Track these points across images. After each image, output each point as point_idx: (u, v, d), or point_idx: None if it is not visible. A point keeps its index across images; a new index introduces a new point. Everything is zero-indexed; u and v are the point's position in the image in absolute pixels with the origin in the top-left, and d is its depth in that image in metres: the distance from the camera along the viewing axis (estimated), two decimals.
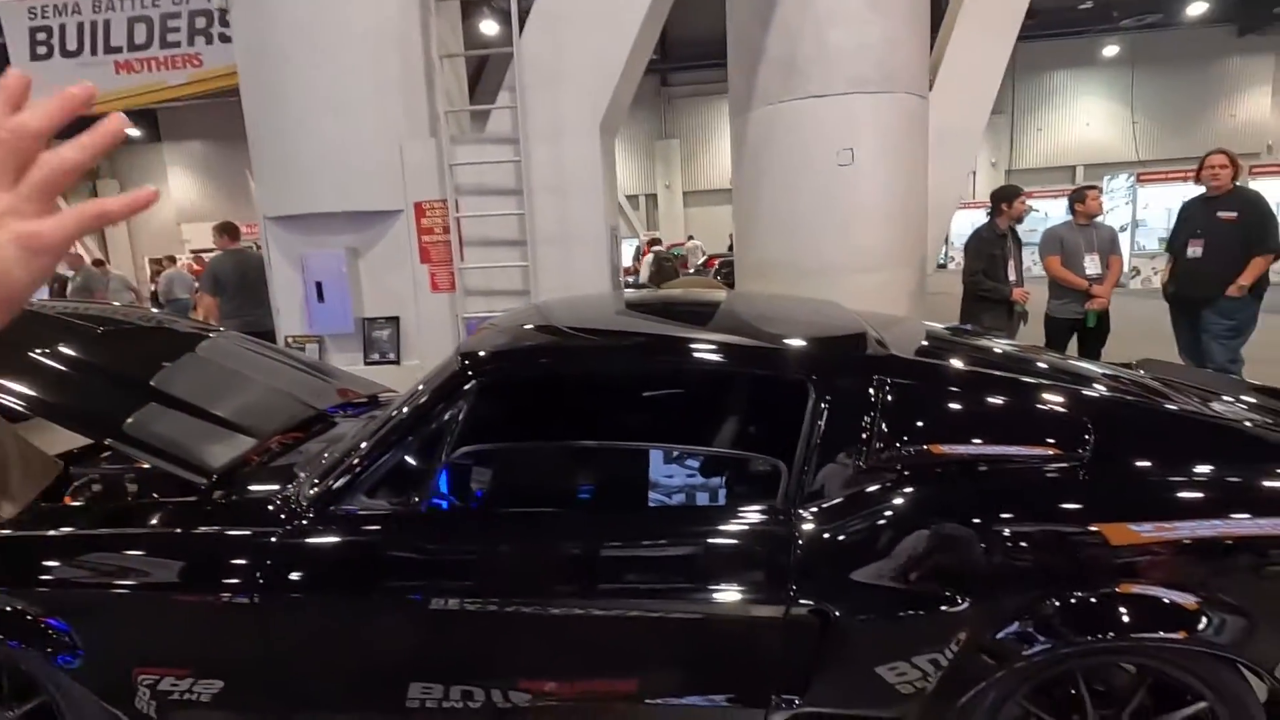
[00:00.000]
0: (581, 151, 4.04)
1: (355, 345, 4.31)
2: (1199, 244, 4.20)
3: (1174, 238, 4.47)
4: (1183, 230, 4.35)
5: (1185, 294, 4.31)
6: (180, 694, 1.70)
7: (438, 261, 4.20)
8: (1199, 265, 4.19)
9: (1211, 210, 4.19)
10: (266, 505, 1.74)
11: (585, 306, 2.37)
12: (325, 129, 3.98)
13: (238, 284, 5.30)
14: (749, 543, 1.52)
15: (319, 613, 1.63)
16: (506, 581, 1.58)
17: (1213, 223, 4.15)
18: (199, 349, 2.61)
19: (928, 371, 1.70)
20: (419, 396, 1.74)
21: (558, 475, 1.74)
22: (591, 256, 4.17)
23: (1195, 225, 4.25)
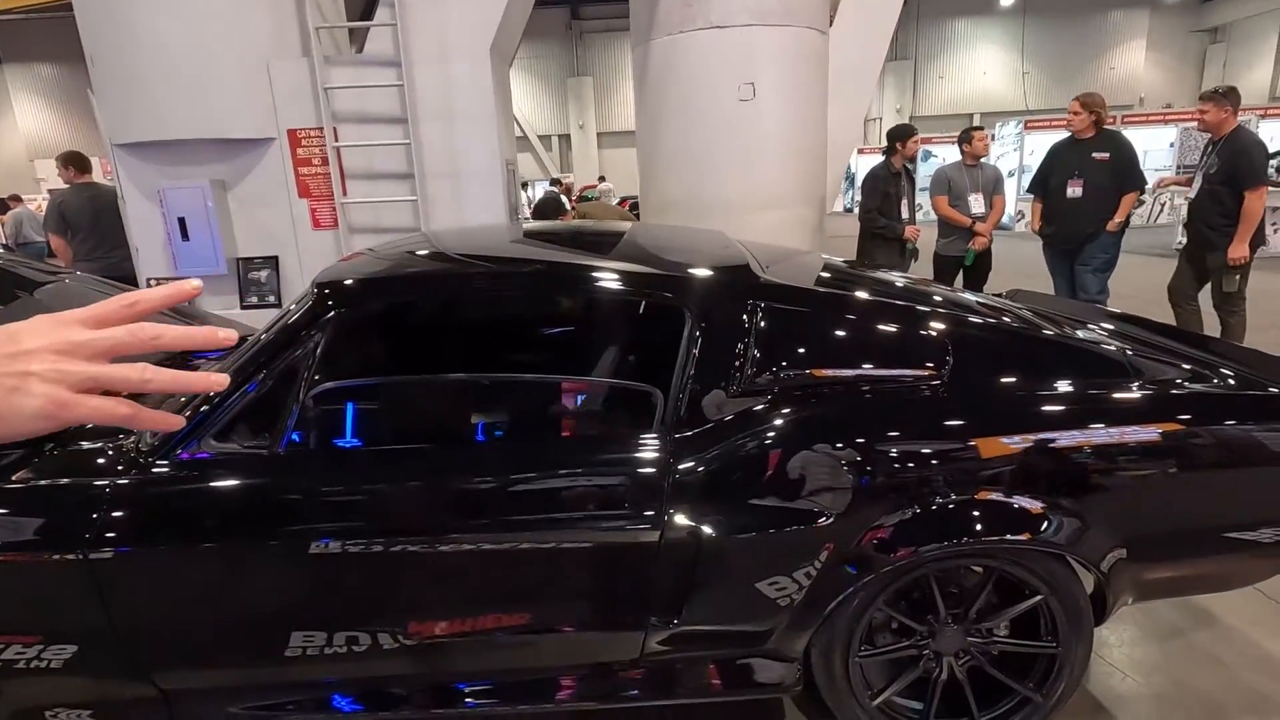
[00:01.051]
0: (472, 77, 3.80)
1: (230, 287, 3.98)
2: (1078, 184, 4.40)
3: (1044, 179, 4.63)
4: (1057, 171, 4.55)
5: (1068, 232, 4.49)
6: (28, 662, 1.55)
7: (318, 196, 3.91)
8: (1079, 204, 4.39)
9: (1085, 152, 4.41)
10: (99, 458, 1.58)
11: (476, 235, 2.25)
12: (175, 41, 3.55)
13: (90, 223, 4.75)
14: (625, 470, 1.50)
15: (166, 566, 1.51)
16: (374, 521, 1.51)
17: (1088, 163, 4.38)
18: (39, 294, 2.34)
19: (800, 297, 1.71)
20: (272, 331, 1.61)
21: (426, 409, 1.66)
22: (486, 191, 3.98)
23: (1072, 167, 4.45)
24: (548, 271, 1.72)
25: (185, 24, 3.54)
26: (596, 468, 1.52)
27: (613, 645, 1.62)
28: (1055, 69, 22.56)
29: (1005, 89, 22.89)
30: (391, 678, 1.65)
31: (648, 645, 1.59)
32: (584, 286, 1.64)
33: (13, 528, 1.51)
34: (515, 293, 1.69)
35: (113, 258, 4.82)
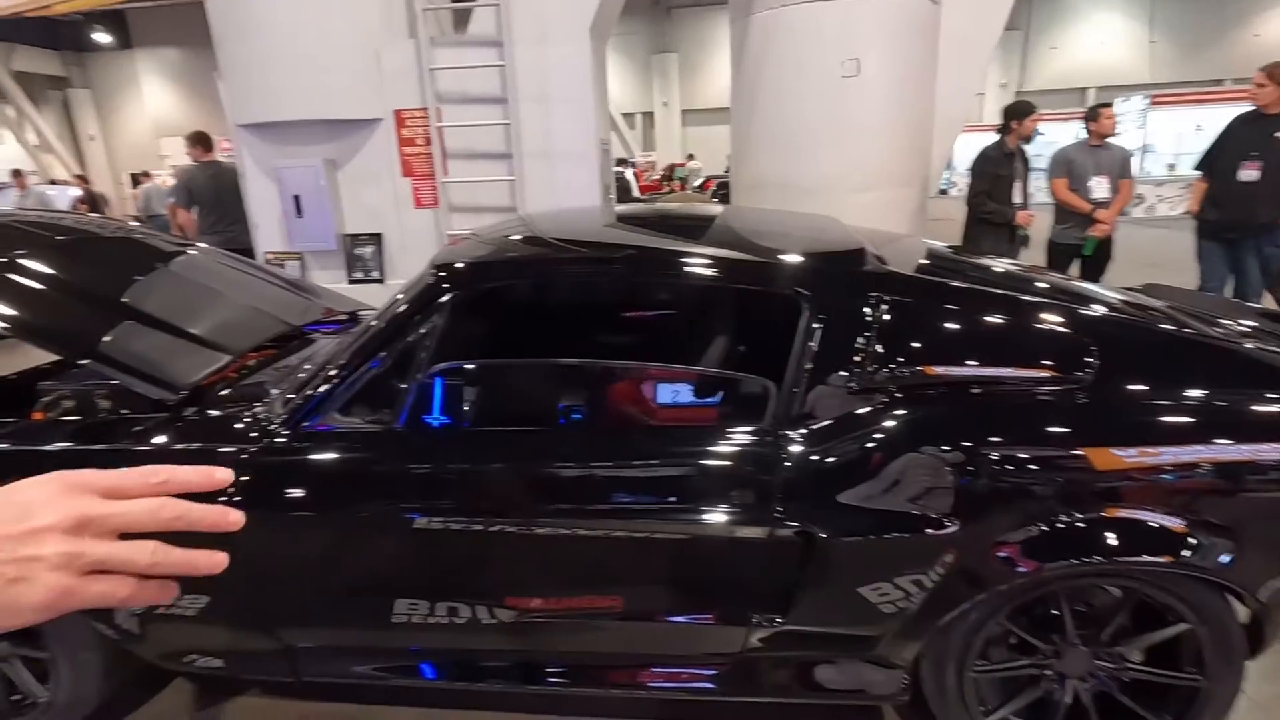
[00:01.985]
0: (571, 57, 3.79)
1: (338, 263, 4.18)
2: (1254, 166, 3.85)
3: (1214, 158, 4.10)
4: (1231, 151, 4.00)
5: (1234, 219, 3.96)
6: (165, 608, 1.69)
7: (420, 175, 4.02)
8: (1253, 189, 3.87)
9: (1268, 130, 3.85)
10: (236, 422, 1.69)
11: (572, 218, 2.25)
12: (293, 26, 3.71)
13: (213, 199, 5.08)
14: (735, 463, 1.47)
15: (297, 529, 1.60)
16: (485, 500, 1.55)
17: (1270, 143, 3.83)
18: (174, 264, 2.50)
19: (927, 289, 1.61)
20: (393, 311, 1.66)
21: (536, 393, 1.68)
22: (581, 172, 3.99)
23: (1249, 146, 3.90)
24: (657, 258, 1.69)
25: (302, 8, 3.69)
26: (704, 459, 1.49)
27: (712, 638, 1.60)
28: (1187, 37, 20.51)
29: (1126, 60, 21.02)
30: (486, 652, 1.70)
31: (749, 641, 1.57)
32: (694, 274, 1.61)
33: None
34: (622, 279, 1.68)
35: (232, 231, 5.13)
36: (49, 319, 1.90)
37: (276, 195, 4.01)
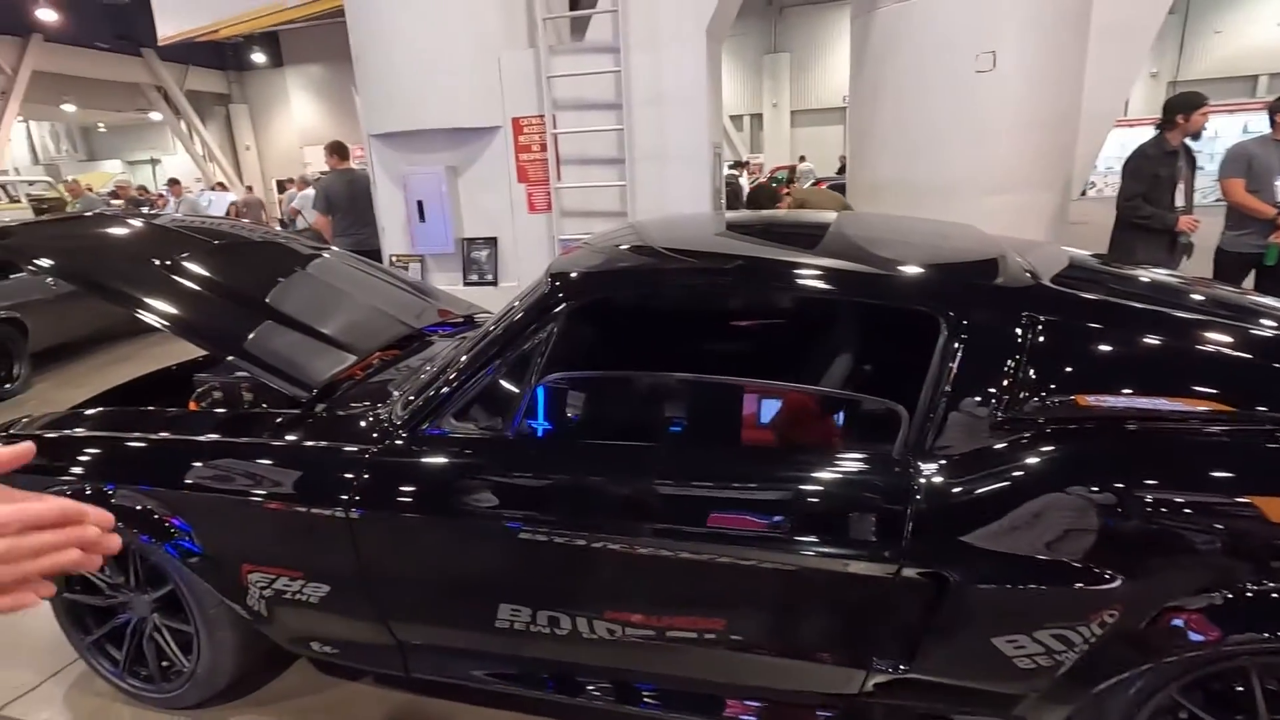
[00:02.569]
0: (685, 60, 3.75)
1: (455, 265, 4.35)
2: None
3: None
4: None
5: None
6: (291, 594, 1.78)
7: (535, 181, 4.11)
8: None
9: None
10: (360, 421, 1.75)
11: (683, 226, 2.20)
12: (423, 40, 3.89)
13: (348, 204, 5.44)
14: (859, 492, 1.36)
15: (407, 530, 1.64)
16: (592, 514, 1.52)
17: None
18: (309, 267, 2.66)
19: (1083, 307, 1.43)
20: (509, 318, 1.67)
21: (649, 406, 1.63)
22: (692, 175, 3.93)
23: None
24: (771, 269, 1.60)
25: (430, 23, 3.86)
26: (823, 485, 1.39)
27: (825, 678, 1.49)
28: None
29: None
30: (585, 666, 1.67)
31: (866, 686, 1.45)
32: (812, 286, 1.51)
33: (288, 480, 1.73)
34: (735, 291, 1.61)
35: (363, 234, 5.48)
36: (202, 318, 2.06)
37: (402, 201, 4.23)
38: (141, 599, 1.91)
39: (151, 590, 1.89)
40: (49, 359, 5.66)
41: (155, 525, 1.80)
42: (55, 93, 19.80)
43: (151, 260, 2.18)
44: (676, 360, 1.67)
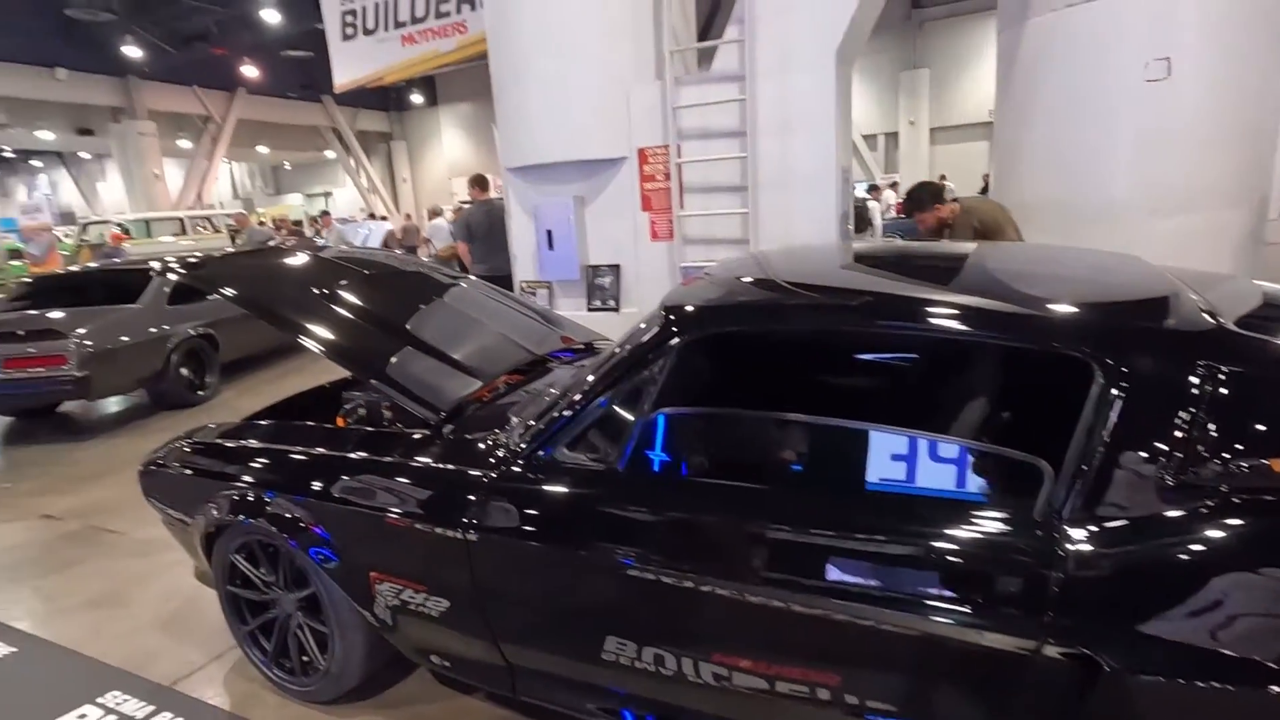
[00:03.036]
0: (813, 84, 3.67)
1: (580, 291, 4.49)
2: None
3: None
4: None
5: None
6: (412, 606, 1.88)
7: (658, 209, 4.17)
8: None
9: None
10: (481, 445, 1.83)
11: (807, 258, 2.13)
12: (557, 78, 4.09)
13: (486, 233, 5.81)
14: (993, 554, 1.23)
15: (521, 555, 1.68)
16: (698, 554, 1.48)
17: None
18: (446, 296, 2.85)
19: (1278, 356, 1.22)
20: (623, 350, 1.68)
21: (764, 447, 1.58)
22: (818, 200, 3.83)
23: None
24: (899, 306, 1.50)
25: (564, 61, 4.05)
26: (954, 543, 1.27)
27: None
28: None
29: None
30: (689, 710, 1.62)
31: None
32: (945, 326, 1.39)
33: (414, 497, 1.84)
34: (860, 329, 1.52)
35: (497, 261, 5.82)
36: (347, 344, 2.24)
37: (533, 230, 4.44)
38: (288, 597, 2.09)
39: (296, 590, 2.06)
40: (234, 369, 6.44)
41: (301, 531, 1.97)
42: (252, 137, 22.86)
43: (311, 290, 2.42)
44: (795, 400, 1.60)
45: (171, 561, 2.97)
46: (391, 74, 13.12)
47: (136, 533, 3.34)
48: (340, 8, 12.99)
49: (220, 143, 21.21)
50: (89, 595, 2.87)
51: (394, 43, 12.70)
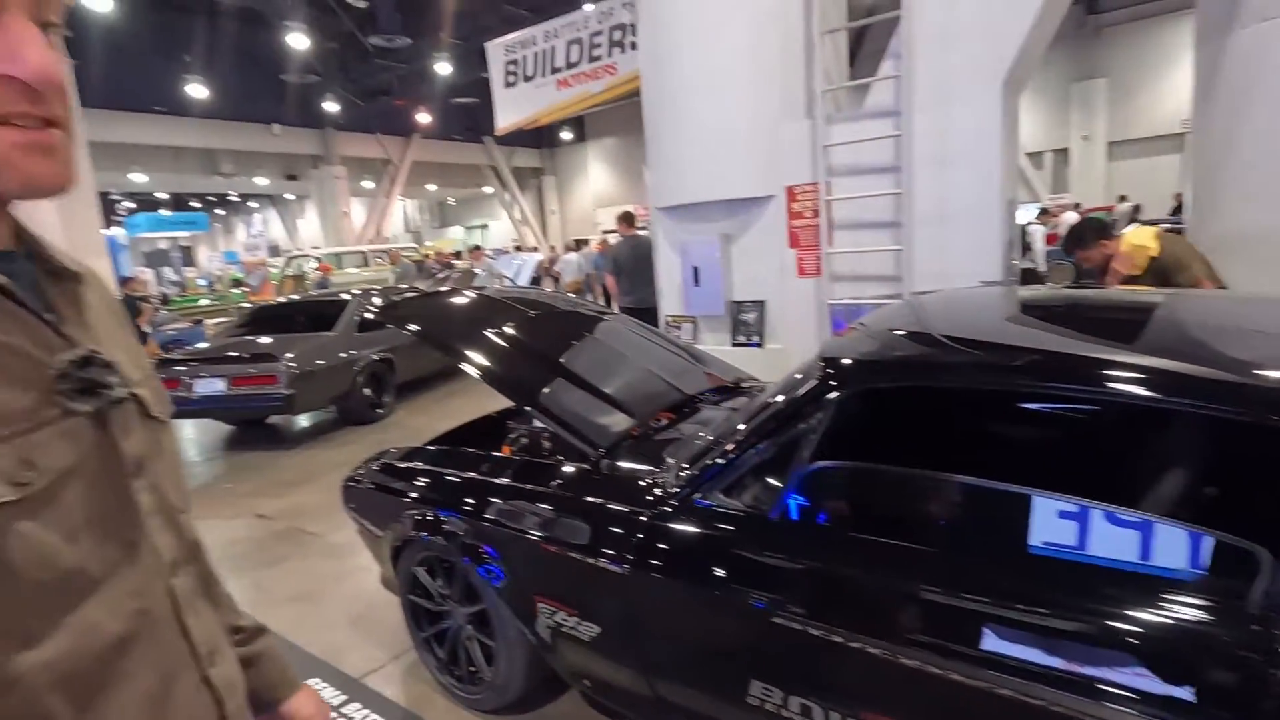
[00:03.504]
0: (977, 116, 3.52)
1: (724, 327, 4.55)
2: None
3: None
4: None
5: None
6: (567, 629, 2.01)
7: (805, 246, 4.16)
8: None
9: None
10: (638, 485, 1.93)
11: (968, 308, 2.05)
12: (708, 120, 4.22)
13: (631, 267, 6.07)
14: (1193, 645, 1.13)
15: (673, 594, 1.75)
16: (850, 610, 1.47)
17: None
18: (597, 331, 3.03)
19: None
20: (779, 400, 1.72)
21: (922, 506, 1.54)
22: (979, 236, 3.64)
23: None
24: (1072, 367, 1.41)
25: (715, 103, 4.18)
26: (1144, 627, 1.17)
27: None
28: None
29: None
30: None
31: None
32: (1126, 391, 1.30)
33: (574, 528, 1.97)
34: (1026, 391, 1.44)
35: (643, 294, 6.05)
36: (509, 374, 2.45)
37: (680, 266, 4.58)
38: (460, 610, 2.30)
39: (468, 605, 2.27)
40: (407, 390, 7.14)
41: (473, 550, 2.17)
42: (423, 176, 25.35)
43: (480, 327, 2.67)
44: (956, 459, 1.55)
45: (359, 566, 3.36)
46: (547, 115, 14.10)
47: (330, 536, 3.80)
48: (504, 58, 14.18)
49: (397, 183, 23.73)
50: (292, 590, 3.31)
51: (550, 87, 13.65)
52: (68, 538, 0.53)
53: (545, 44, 13.31)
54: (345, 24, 16.45)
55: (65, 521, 0.53)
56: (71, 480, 0.55)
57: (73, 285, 0.63)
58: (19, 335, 0.54)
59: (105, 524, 0.57)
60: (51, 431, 0.54)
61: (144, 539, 0.61)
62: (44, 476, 0.52)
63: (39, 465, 0.52)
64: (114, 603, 0.56)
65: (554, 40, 13.17)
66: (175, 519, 0.66)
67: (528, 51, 13.66)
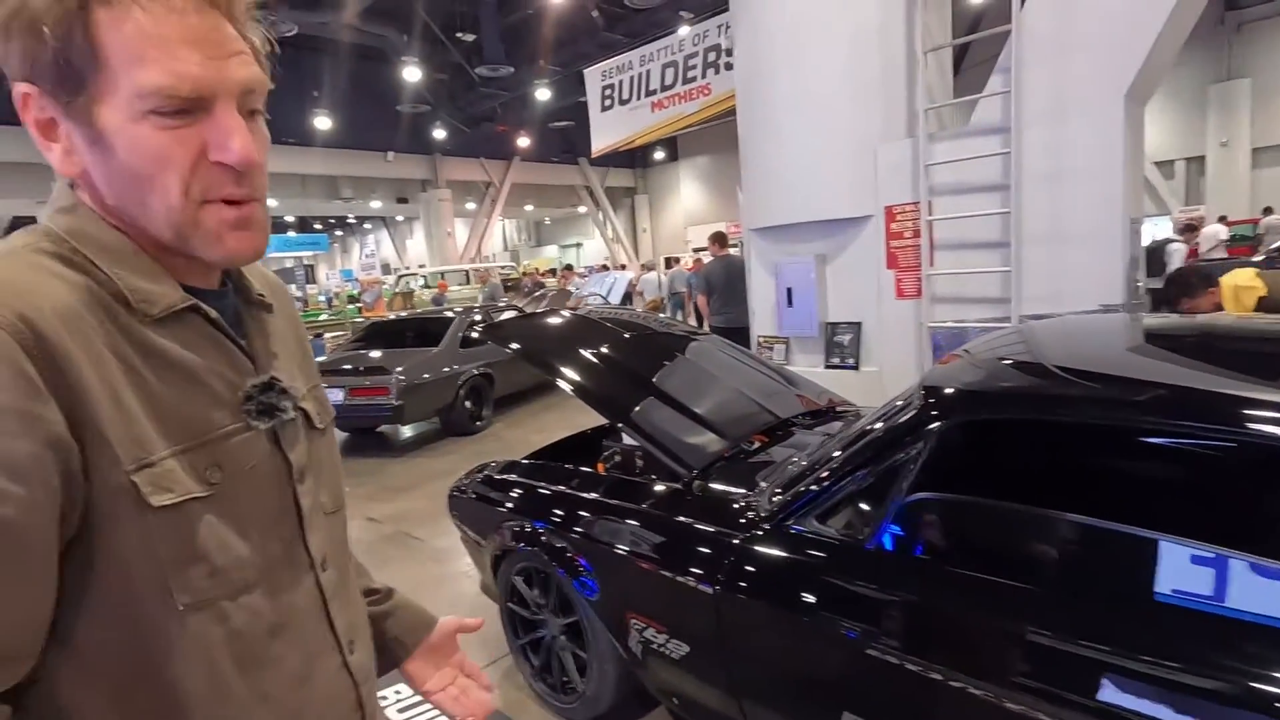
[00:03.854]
0: (1095, 130, 3.33)
1: (817, 348, 4.49)
2: None
3: None
4: None
5: None
6: (656, 645, 2.05)
7: (905, 267, 4.04)
8: None
9: None
10: (731, 506, 1.95)
11: (1084, 336, 1.95)
12: (805, 141, 4.20)
13: (724, 287, 6.10)
14: None
15: (764, 618, 1.75)
16: (950, 647, 1.43)
17: None
18: (689, 352, 3.08)
19: None
20: (879, 428, 1.70)
21: (1030, 544, 1.47)
22: (1097, 256, 3.43)
23: None
24: (1206, 405, 1.32)
25: (813, 124, 4.16)
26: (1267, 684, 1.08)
27: None
28: None
29: None
30: None
31: None
32: (1266, 432, 1.20)
33: (667, 547, 2.01)
34: (1149, 429, 1.35)
35: (732, 313, 6.05)
36: (602, 392, 2.52)
37: (773, 287, 4.56)
38: (555, 621, 2.38)
39: (563, 617, 2.35)
40: (504, 404, 7.44)
41: (569, 563, 2.25)
42: (521, 198, 26.40)
43: (576, 345, 2.77)
44: (1067, 496, 1.48)
45: (459, 571, 3.54)
46: (641, 137, 14.42)
47: (434, 541, 4.02)
48: (601, 83, 14.63)
49: (498, 204, 24.84)
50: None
51: (645, 109, 13.96)
52: (240, 533, 0.63)
53: (641, 68, 13.64)
54: (454, 56, 17.49)
55: (240, 518, 0.64)
56: (247, 484, 0.65)
57: (265, 315, 0.75)
58: (221, 361, 0.65)
59: (269, 523, 0.67)
60: (236, 442, 0.64)
61: (300, 538, 0.71)
62: (228, 479, 0.63)
63: (225, 469, 0.63)
64: (271, 593, 0.66)
65: (649, 64, 13.48)
66: (328, 519, 0.76)
67: (624, 76, 14.05)
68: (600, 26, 15.72)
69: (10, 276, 0.54)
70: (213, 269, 0.68)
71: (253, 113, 0.63)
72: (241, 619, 0.63)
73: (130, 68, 0.55)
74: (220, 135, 0.59)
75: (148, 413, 0.58)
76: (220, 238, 0.61)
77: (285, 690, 0.67)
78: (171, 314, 0.62)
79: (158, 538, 0.57)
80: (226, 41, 0.59)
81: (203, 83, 0.57)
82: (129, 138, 0.56)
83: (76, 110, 0.56)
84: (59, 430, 0.52)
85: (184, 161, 0.58)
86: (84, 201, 0.62)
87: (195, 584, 0.59)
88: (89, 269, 0.59)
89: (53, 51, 0.54)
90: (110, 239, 0.61)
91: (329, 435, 0.80)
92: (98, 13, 0.54)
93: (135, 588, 0.57)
